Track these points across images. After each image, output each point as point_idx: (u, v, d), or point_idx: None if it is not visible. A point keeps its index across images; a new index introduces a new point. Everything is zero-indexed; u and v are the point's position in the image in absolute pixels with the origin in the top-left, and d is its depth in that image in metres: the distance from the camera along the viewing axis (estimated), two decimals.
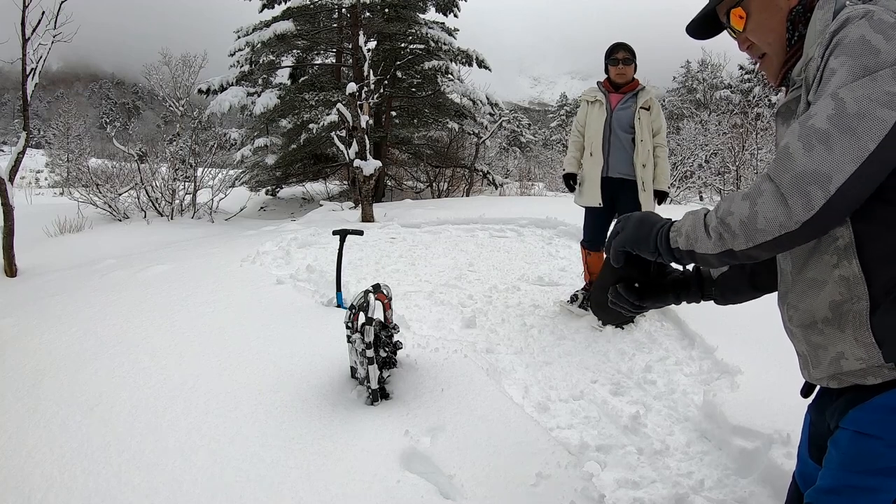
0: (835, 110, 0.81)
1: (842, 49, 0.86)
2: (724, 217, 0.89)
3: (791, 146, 0.84)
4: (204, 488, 1.76)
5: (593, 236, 3.57)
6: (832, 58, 0.87)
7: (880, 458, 0.86)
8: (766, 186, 0.85)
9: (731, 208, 0.89)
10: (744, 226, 0.86)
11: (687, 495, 1.85)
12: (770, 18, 1.02)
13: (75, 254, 6.16)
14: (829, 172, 0.80)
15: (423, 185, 14.68)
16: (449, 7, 13.00)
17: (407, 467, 1.86)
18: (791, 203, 0.81)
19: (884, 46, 0.83)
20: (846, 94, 0.82)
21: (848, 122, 0.80)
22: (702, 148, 13.26)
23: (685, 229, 0.96)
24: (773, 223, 0.83)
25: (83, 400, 2.29)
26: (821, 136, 0.81)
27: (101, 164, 10.85)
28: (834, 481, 0.91)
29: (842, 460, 0.90)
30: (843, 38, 0.86)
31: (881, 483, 0.85)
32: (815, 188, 0.80)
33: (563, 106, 41.41)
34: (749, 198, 0.87)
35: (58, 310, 3.48)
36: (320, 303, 3.52)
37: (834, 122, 0.81)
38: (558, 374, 2.78)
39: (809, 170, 0.81)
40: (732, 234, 0.88)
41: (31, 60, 5.37)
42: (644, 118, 3.28)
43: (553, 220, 6.25)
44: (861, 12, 0.87)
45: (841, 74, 0.84)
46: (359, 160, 7.74)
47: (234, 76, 12.14)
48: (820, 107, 0.83)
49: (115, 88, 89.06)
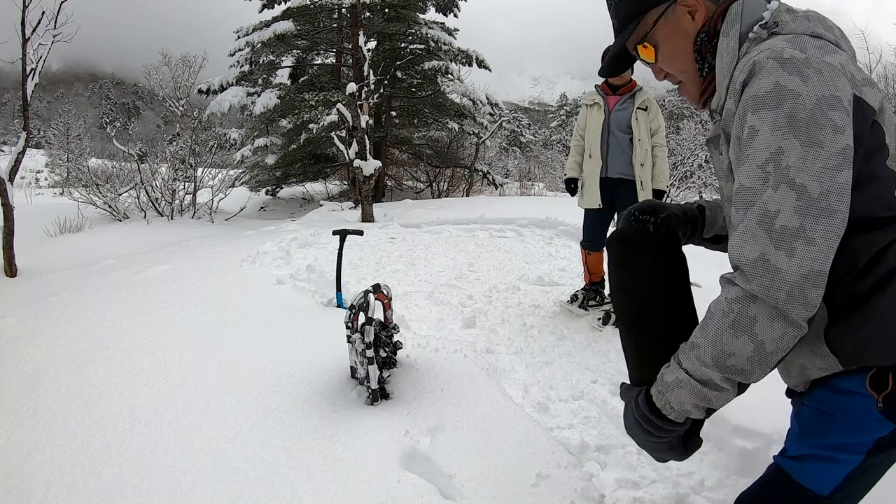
0: (799, 200, 0.78)
1: (757, 103, 0.82)
2: (723, 363, 0.85)
3: (769, 256, 0.79)
4: (204, 488, 1.76)
5: (593, 237, 3.58)
6: (750, 114, 0.83)
7: (834, 436, 0.91)
8: (757, 310, 0.80)
9: (725, 350, 0.84)
10: (754, 360, 0.82)
11: (687, 495, 1.85)
12: (678, 49, 1.00)
13: (75, 254, 6.15)
14: (821, 265, 0.78)
15: (423, 185, 14.67)
16: (449, 7, 13.00)
17: (407, 467, 1.86)
18: (794, 315, 0.79)
19: (802, 89, 0.80)
20: (802, 178, 0.78)
21: (818, 207, 0.77)
22: (702, 148, 13.26)
23: (688, 405, 0.91)
24: (784, 340, 0.80)
25: (83, 400, 2.29)
26: (797, 234, 0.78)
27: (101, 164, 10.84)
28: (797, 450, 0.97)
29: (801, 432, 0.97)
30: (757, 91, 0.82)
31: (837, 455, 0.91)
32: (812, 289, 0.78)
33: (563, 106, 41.38)
34: (741, 330, 0.82)
35: (58, 310, 3.48)
36: (320, 303, 3.52)
37: (803, 213, 0.78)
38: (558, 374, 2.78)
39: (804, 274, 0.78)
40: (746, 373, 0.84)
41: (31, 60, 5.36)
42: (641, 118, 3.29)
43: (553, 220, 6.25)
44: (768, 53, 0.83)
45: (765, 134, 0.80)
46: (359, 160, 7.74)
47: (234, 76, 12.14)
48: (778, 199, 0.79)
49: (115, 88, 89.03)
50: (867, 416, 0.88)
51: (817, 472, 0.93)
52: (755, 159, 0.82)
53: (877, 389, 0.87)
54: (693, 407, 0.91)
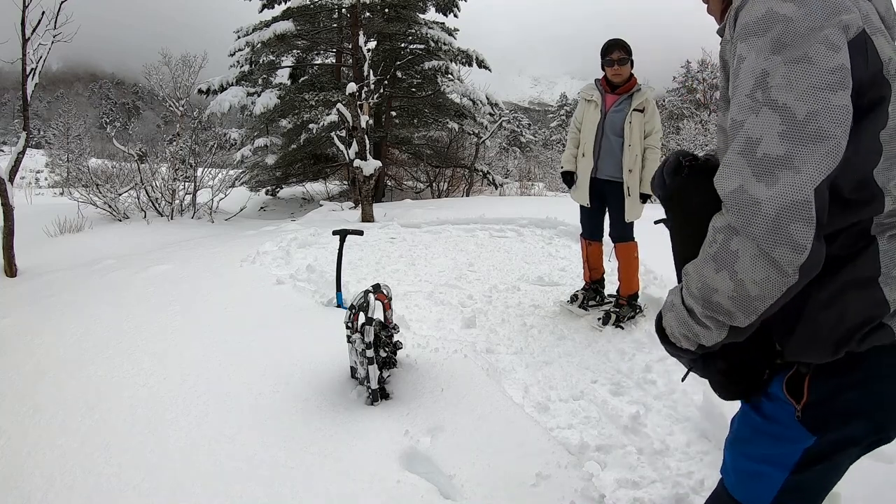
0: (784, 124, 0.68)
1: (747, 31, 0.75)
2: (708, 298, 0.77)
3: (748, 187, 0.70)
4: (204, 488, 1.76)
5: (590, 230, 3.63)
6: (740, 42, 0.76)
7: (758, 444, 0.91)
8: (738, 244, 0.71)
9: (708, 283, 0.76)
10: (736, 301, 0.74)
11: (687, 495, 1.85)
12: None
13: (75, 254, 6.15)
14: (805, 194, 0.67)
15: (423, 185, 14.66)
16: (449, 7, 12.99)
17: (407, 467, 1.86)
18: (778, 256, 0.69)
19: (796, 13, 0.71)
20: (786, 97, 0.69)
21: (805, 130, 0.68)
22: (702, 148, 13.28)
23: (676, 331, 0.85)
24: (767, 286, 0.71)
25: (83, 400, 2.29)
26: (781, 161, 0.68)
27: (101, 164, 10.84)
28: (728, 458, 0.98)
29: (733, 438, 0.97)
30: (749, 19, 0.75)
31: (764, 468, 0.90)
32: (797, 224, 0.68)
33: (563, 106, 41.42)
34: (721, 264, 0.73)
35: (58, 310, 3.48)
36: (320, 303, 3.52)
37: (789, 137, 0.68)
38: (558, 374, 2.78)
39: (784, 205, 0.67)
40: (729, 314, 0.76)
41: (31, 60, 5.36)
42: (636, 121, 3.28)
43: (553, 220, 6.25)
44: None
45: (750, 60, 0.73)
46: (359, 160, 7.73)
47: (234, 76, 12.13)
48: (760, 124, 0.70)
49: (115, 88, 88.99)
50: (790, 423, 0.85)
51: (750, 488, 0.91)
52: (743, 89, 0.74)
53: (794, 396, 0.84)
54: (682, 336, 0.84)
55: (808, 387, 0.83)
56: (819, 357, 0.81)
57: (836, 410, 0.83)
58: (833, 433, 0.84)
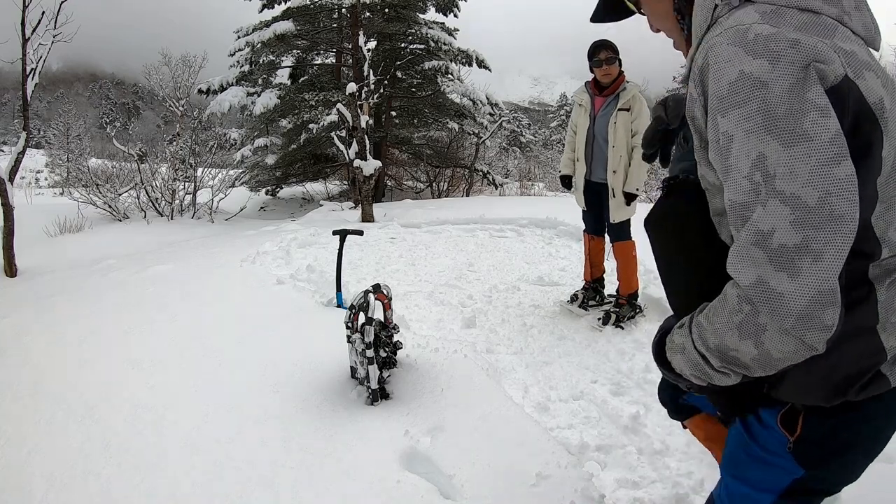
0: (795, 213, 0.65)
1: (723, 102, 0.70)
2: (725, 353, 0.75)
3: (768, 279, 0.67)
4: (204, 488, 1.76)
5: (592, 226, 3.66)
6: (719, 117, 0.71)
7: (748, 467, 0.94)
8: (767, 319, 0.68)
9: (728, 345, 0.74)
10: (757, 362, 0.73)
11: (687, 495, 1.85)
12: (658, 8, 0.93)
13: (75, 254, 6.15)
14: (832, 284, 0.65)
15: (423, 185, 14.66)
16: (449, 7, 12.98)
17: (407, 467, 1.86)
18: (809, 339, 0.67)
19: (770, 75, 0.67)
20: (793, 187, 0.65)
21: (820, 215, 0.65)
22: None
23: (687, 372, 0.84)
24: (795, 356, 0.70)
25: (83, 400, 2.29)
26: (800, 251, 0.65)
27: (101, 164, 10.85)
28: (723, 479, 1.01)
29: (726, 460, 1.00)
30: (721, 89, 0.71)
31: (752, 493, 0.93)
32: (826, 310, 0.66)
33: (563, 106, 41.38)
34: (747, 334, 0.71)
35: (58, 310, 3.48)
36: (320, 303, 3.52)
37: (803, 225, 0.65)
38: (558, 374, 2.78)
39: (812, 298, 0.65)
40: (747, 368, 0.75)
41: (31, 60, 5.36)
42: (620, 121, 3.28)
43: (553, 220, 6.25)
44: (729, 36, 0.71)
45: (741, 140, 0.69)
46: (359, 160, 7.73)
47: (234, 76, 12.13)
48: (770, 217, 0.67)
49: (115, 88, 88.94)
50: (781, 452, 0.87)
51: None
52: (739, 170, 0.70)
53: (788, 429, 0.86)
54: (692, 377, 0.83)
55: (802, 423, 0.85)
56: (812, 402, 0.83)
57: (828, 450, 0.85)
58: (822, 471, 0.87)
